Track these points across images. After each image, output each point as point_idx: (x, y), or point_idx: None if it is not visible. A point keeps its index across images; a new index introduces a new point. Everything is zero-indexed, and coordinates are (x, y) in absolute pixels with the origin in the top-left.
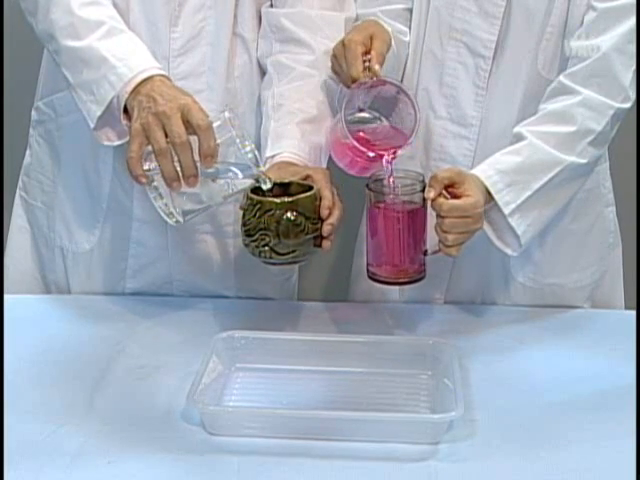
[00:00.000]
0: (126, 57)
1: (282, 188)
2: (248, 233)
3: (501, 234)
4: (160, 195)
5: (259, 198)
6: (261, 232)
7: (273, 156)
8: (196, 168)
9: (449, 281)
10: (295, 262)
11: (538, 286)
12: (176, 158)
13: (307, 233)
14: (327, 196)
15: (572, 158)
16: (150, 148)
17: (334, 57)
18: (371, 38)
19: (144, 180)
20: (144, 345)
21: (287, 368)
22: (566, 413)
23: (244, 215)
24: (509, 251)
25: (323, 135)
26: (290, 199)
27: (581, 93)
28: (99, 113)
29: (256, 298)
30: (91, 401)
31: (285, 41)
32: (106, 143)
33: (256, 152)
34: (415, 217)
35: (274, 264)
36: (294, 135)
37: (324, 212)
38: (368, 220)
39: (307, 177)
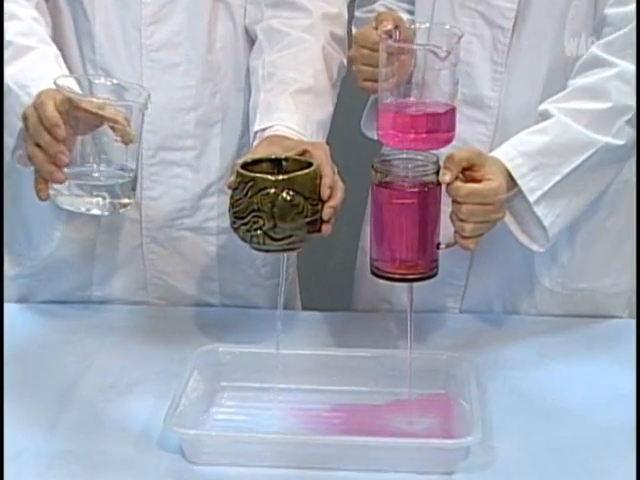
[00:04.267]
0: (28, 84)
1: (276, 165)
2: (238, 215)
3: (526, 227)
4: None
5: (251, 175)
6: (253, 214)
7: (264, 129)
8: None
9: (465, 286)
10: (290, 249)
11: (567, 292)
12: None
13: (306, 216)
14: (328, 174)
15: (607, 139)
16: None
17: (354, 59)
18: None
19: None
20: (114, 360)
21: (280, 387)
22: (601, 439)
23: (233, 195)
24: (535, 247)
25: (321, 107)
26: (287, 176)
27: (617, 65)
28: (12, 145)
29: (244, 306)
30: (54, 424)
31: (277, 5)
32: (19, 165)
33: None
34: (427, 204)
35: (267, 251)
36: (287, 107)
37: (325, 192)
38: (373, 206)
39: (304, 153)
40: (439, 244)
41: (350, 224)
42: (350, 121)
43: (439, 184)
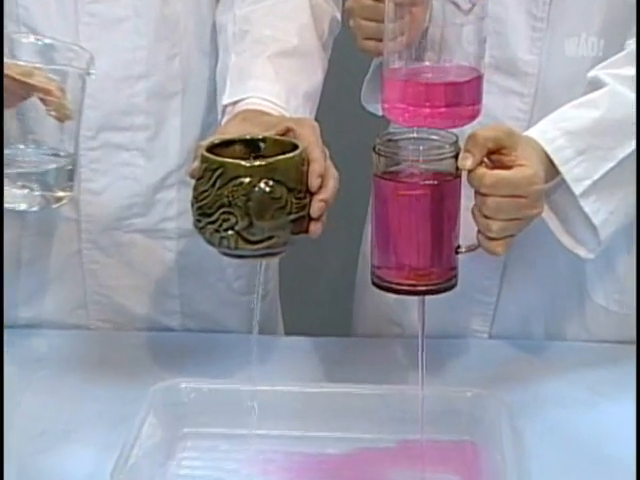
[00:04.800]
0: None
1: (252, 147)
2: (203, 211)
3: (570, 226)
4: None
5: (220, 160)
6: (223, 210)
7: (235, 103)
8: None
9: (496, 303)
10: (270, 254)
11: (626, 311)
12: None
13: (289, 212)
14: (317, 158)
15: None
16: None
17: (352, 11)
18: None
19: None
20: (47, 400)
21: (259, 434)
22: None
23: (197, 186)
24: (582, 252)
25: (308, 74)
26: (265, 162)
27: None
28: None
29: (212, 331)
30: None
31: None
32: None
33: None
34: (444, 196)
35: (241, 256)
36: (265, 73)
37: (314, 181)
38: (375, 200)
39: (287, 132)
40: (458, 247)
41: (348, 224)
42: (346, 92)
43: (459, 171)
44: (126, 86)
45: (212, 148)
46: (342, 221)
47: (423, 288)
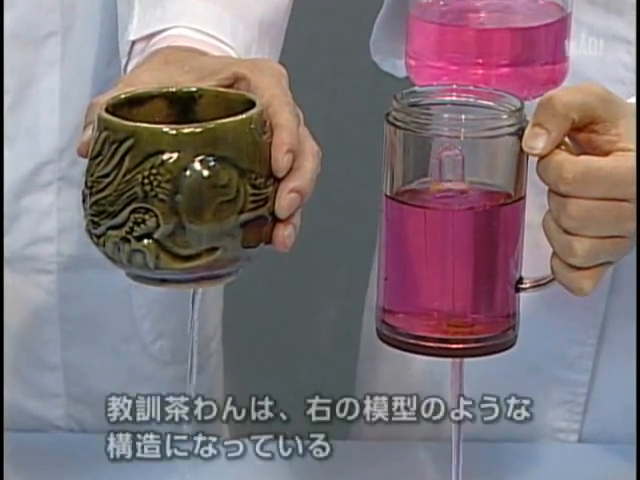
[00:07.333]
0: None
1: (179, 106)
2: (103, 209)
3: None
4: None
5: (132, 125)
6: (135, 206)
7: (149, 37)
8: None
9: (591, 384)
10: (210, 278)
11: None
12: None
13: (242, 209)
14: (285, 123)
15: None
16: None
17: None
18: None
19: None
20: None
21: None
22: None
23: (92, 168)
24: None
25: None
26: (202, 128)
27: None
28: None
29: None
30: None
31: None
32: None
33: None
34: (495, 203)
35: (163, 281)
36: None
37: (281, 160)
38: (386, 209)
39: (237, 81)
40: (520, 282)
41: (344, 251)
42: (343, 35)
43: (522, 157)
44: None
45: (116, 108)
46: (335, 246)
47: (461, 346)
